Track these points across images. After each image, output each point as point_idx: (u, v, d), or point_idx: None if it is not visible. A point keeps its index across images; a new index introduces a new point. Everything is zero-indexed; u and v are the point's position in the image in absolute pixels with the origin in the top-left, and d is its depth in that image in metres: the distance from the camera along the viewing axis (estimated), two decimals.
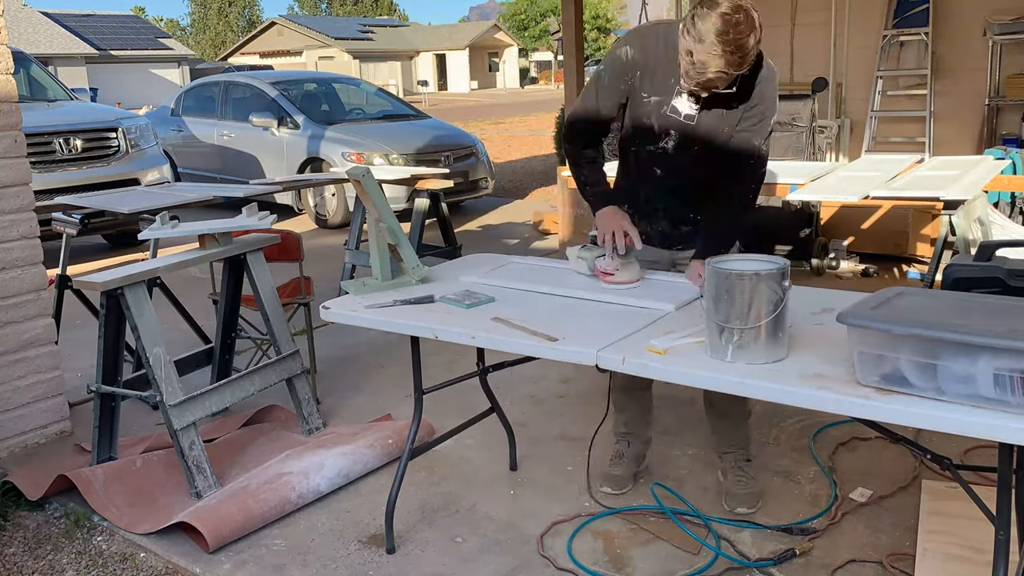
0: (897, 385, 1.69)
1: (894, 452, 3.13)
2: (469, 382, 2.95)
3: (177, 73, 36.51)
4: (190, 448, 2.98)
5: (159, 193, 4.27)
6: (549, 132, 17.39)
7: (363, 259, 5.13)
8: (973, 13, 6.65)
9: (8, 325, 3.43)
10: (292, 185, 5.51)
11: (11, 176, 3.42)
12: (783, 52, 7.39)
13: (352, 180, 2.61)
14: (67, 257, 4.04)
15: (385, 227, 2.62)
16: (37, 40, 31.01)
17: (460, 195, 8.52)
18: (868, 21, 7.11)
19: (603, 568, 2.52)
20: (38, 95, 7.59)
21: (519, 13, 57.10)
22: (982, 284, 2.24)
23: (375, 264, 2.66)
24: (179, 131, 9.75)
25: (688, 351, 2.00)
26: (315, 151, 8.33)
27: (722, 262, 1.98)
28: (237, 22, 63.97)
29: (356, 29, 49.00)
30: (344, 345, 4.64)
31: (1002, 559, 1.75)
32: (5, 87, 3.39)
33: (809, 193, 3.63)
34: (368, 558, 2.64)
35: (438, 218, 5.14)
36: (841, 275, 5.54)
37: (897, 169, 4.02)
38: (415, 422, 2.66)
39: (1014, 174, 5.59)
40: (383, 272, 2.66)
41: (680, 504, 2.85)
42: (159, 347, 2.96)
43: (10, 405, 3.45)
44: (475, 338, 2.23)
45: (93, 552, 2.76)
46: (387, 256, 2.67)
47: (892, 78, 7.08)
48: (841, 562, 2.48)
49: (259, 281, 3.41)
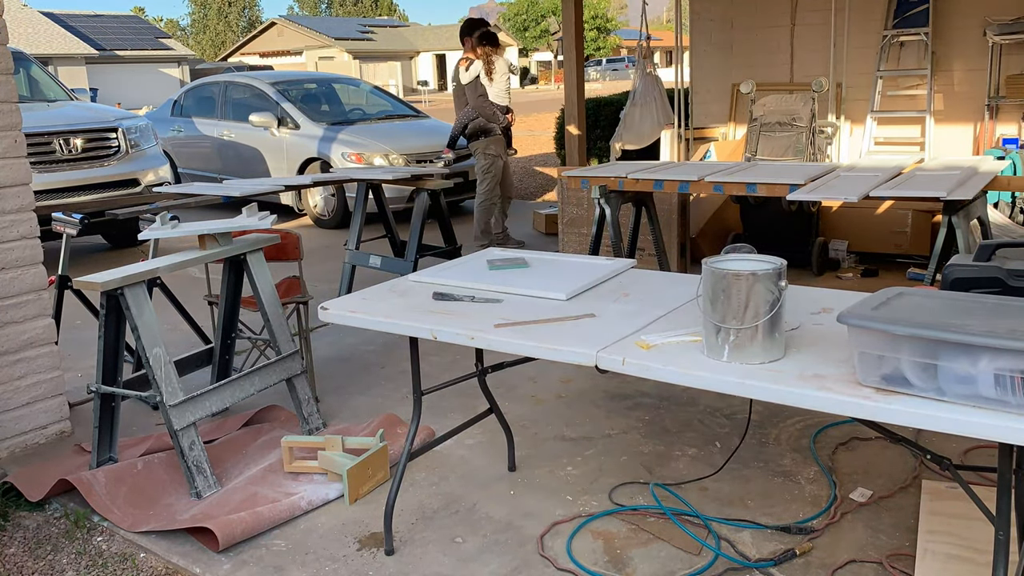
0: (897, 385, 1.69)
1: (894, 452, 3.13)
2: (470, 382, 2.95)
3: (177, 73, 36.53)
4: (190, 448, 2.98)
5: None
6: (549, 132, 17.38)
7: (363, 259, 5.13)
8: (973, 13, 6.65)
9: (8, 325, 3.43)
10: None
11: (11, 176, 3.42)
12: (783, 52, 7.40)
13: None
14: (67, 257, 4.05)
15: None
16: (37, 40, 31.02)
17: (460, 195, 8.53)
18: (868, 21, 7.11)
19: (603, 568, 2.52)
20: (38, 95, 7.59)
21: (519, 13, 57.09)
22: (982, 284, 2.24)
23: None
24: (179, 131, 9.76)
25: (687, 351, 2.00)
26: (315, 151, 8.34)
27: (719, 262, 1.98)
28: (237, 22, 63.99)
29: (356, 29, 49.01)
30: (344, 345, 4.64)
31: (1002, 559, 1.75)
32: (5, 87, 3.39)
33: (809, 193, 3.63)
34: (368, 558, 2.64)
35: (438, 218, 5.14)
36: (841, 275, 5.54)
37: (897, 169, 4.02)
38: (414, 422, 2.66)
39: (1014, 174, 5.59)
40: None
41: (680, 504, 2.85)
42: (159, 347, 2.97)
43: (10, 405, 3.45)
44: (474, 339, 2.23)
45: (93, 552, 2.76)
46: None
47: (892, 78, 7.08)
48: (841, 562, 2.49)
49: (259, 281, 3.41)
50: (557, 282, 2.61)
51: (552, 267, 2.83)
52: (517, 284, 2.61)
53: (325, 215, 8.44)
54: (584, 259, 2.90)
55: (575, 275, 2.69)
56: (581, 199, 6.00)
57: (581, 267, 2.81)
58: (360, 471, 2.98)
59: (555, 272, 2.75)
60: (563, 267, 2.82)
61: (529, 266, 2.84)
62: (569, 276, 2.68)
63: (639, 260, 5.49)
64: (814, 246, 5.57)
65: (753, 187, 3.96)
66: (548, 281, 2.63)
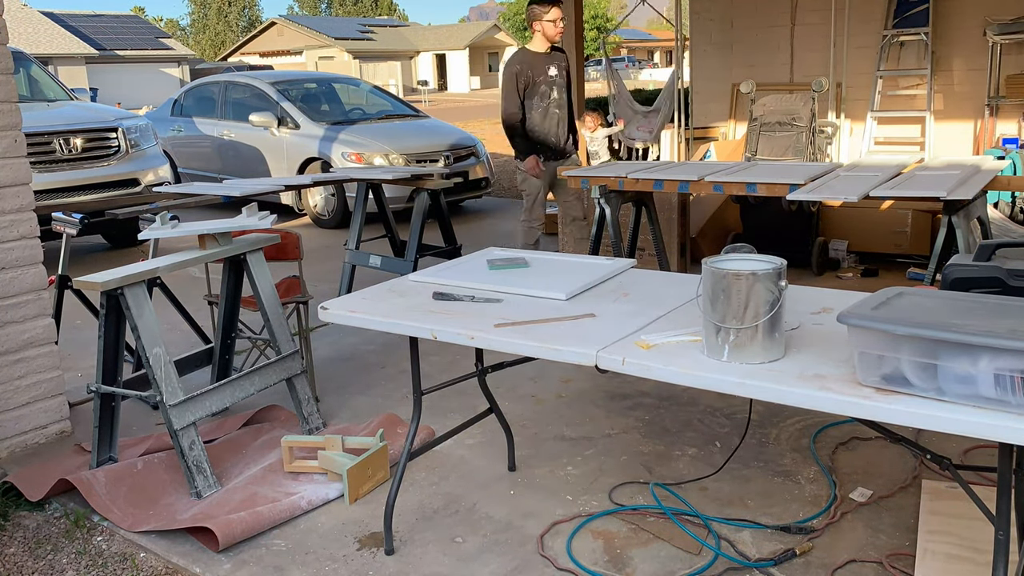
0: (898, 385, 1.69)
1: (894, 452, 3.13)
2: (470, 382, 2.95)
3: (177, 73, 36.54)
4: (190, 448, 2.98)
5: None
6: None
7: (363, 259, 5.13)
8: (973, 13, 6.66)
9: (8, 325, 3.43)
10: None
11: (11, 176, 3.42)
12: (783, 52, 7.40)
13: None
14: (67, 257, 4.05)
15: None
16: (37, 40, 31.03)
17: (460, 195, 8.53)
18: (868, 21, 7.11)
19: (603, 568, 2.52)
20: (38, 95, 7.58)
21: (519, 13, 57.06)
22: (982, 284, 2.24)
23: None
24: (179, 131, 9.76)
25: (687, 351, 2.00)
26: (315, 151, 8.34)
27: (719, 262, 1.98)
28: (237, 22, 64.00)
29: (356, 29, 49.04)
30: (344, 345, 4.64)
31: (1002, 559, 1.75)
32: (5, 87, 3.39)
33: (809, 193, 3.63)
34: (368, 558, 2.64)
35: (438, 218, 5.14)
36: (841, 275, 5.54)
37: (897, 169, 4.02)
38: (414, 422, 2.66)
39: (1014, 174, 5.59)
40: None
41: (680, 504, 2.85)
42: (159, 347, 2.97)
43: (10, 405, 3.45)
44: (474, 339, 2.23)
45: (93, 552, 2.76)
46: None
47: (892, 78, 7.08)
48: (841, 562, 2.49)
49: (259, 281, 3.41)
50: (557, 282, 2.61)
51: (552, 267, 2.83)
52: (517, 284, 2.61)
53: (325, 215, 8.44)
54: (584, 259, 2.90)
55: (575, 275, 2.69)
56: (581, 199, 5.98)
57: (581, 267, 2.81)
58: (360, 471, 2.98)
59: (555, 272, 2.75)
60: (563, 267, 2.82)
61: (529, 266, 2.84)
62: (569, 276, 2.69)
63: (639, 260, 5.49)
64: (814, 246, 5.57)
65: (753, 187, 3.96)
66: (548, 281, 2.63)
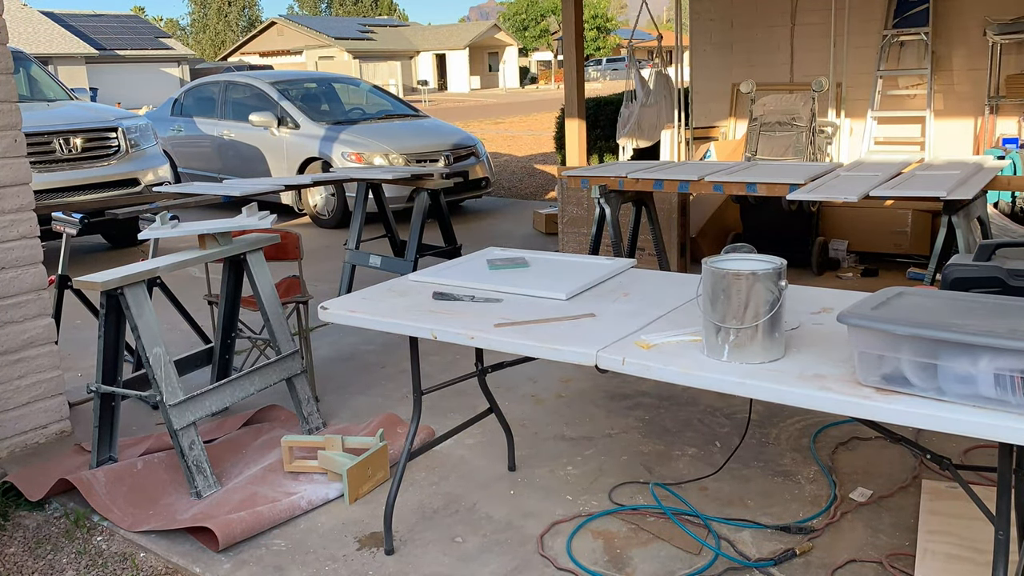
0: (898, 385, 1.69)
1: (894, 452, 3.13)
2: (470, 382, 2.95)
3: (177, 73, 36.53)
4: (190, 448, 2.98)
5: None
6: (549, 132, 17.39)
7: (363, 259, 5.13)
8: (973, 13, 6.65)
9: (8, 325, 3.43)
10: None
11: (11, 176, 3.42)
12: (783, 52, 7.40)
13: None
14: (67, 257, 4.05)
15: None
16: (37, 40, 31.02)
17: (460, 195, 8.52)
18: (868, 21, 7.11)
19: (603, 568, 2.52)
20: (38, 95, 7.59)
21: (519, 13, 57.12)
22: (982, 284, 2.24)
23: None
24: (179, 131, 9.76)
25: (687, 351, 2.00)
26: (315, 151, 8.34)
27: (719, 261, 1.98)
28: (237, 22, 63.99)
29: (356, 29, 49.02)
30: (344, 345, 4.64)
31: (1002, 559, 1.75)
32: (5, 87, 3.39)
33: (809, 193, 3.63)
34: (368, 558, 2.64)
35: (438, 218, 5.15)
36: (841, 275, 5.54)
37: (897, 169, 4.02)
38: (414, 422, 2.66)
39: (1014, 174, 5.58)
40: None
41: (680, 504, 2.85)
42: (159, 347, 2.97)
43: (10, 405, 3.45)
44: (474, 339, 2.23)
45: (93, 552, 2.76)
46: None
47: (892, 78, 7.08)
48: (841, 562, 2.49)
49: (259, 281, 3.41)
50: (557, 282, 2.61)
51: (552, 267, 2.83)
52: (517, 284, 2.61)
53: (325, 215, 8.44)
54: (584, 259, 2.90)
55: (575, 275, 2.69)
56: (581, 199, 6.00)
57: (581, 267, 2.81)
58: (360, 471, 2.98)
59: (555, 272, 2.75)
60: (563, 267, 2.82)
61: (529, 266, 2.84)
62: (569, 276, 2.69)
63: (639, 260, 5.49)
64: (814, 246, 5.57)
65: (753, 187, 3.96)
66: (548, 281, 2.63)
